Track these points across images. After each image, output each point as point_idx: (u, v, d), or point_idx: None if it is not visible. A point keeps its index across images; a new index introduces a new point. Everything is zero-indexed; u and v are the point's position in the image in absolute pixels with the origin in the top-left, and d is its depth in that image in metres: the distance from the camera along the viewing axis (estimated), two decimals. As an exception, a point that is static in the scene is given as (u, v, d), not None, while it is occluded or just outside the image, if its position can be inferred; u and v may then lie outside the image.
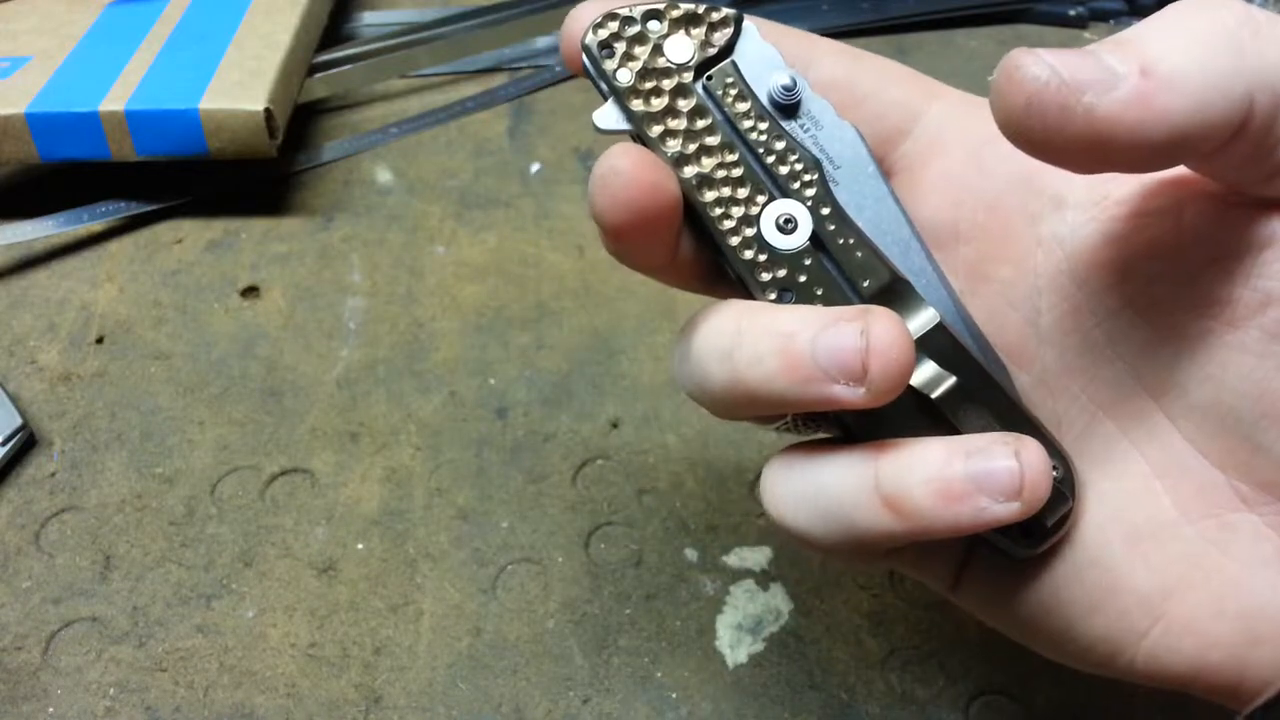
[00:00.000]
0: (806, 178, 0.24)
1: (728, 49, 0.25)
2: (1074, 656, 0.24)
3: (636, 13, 0.25)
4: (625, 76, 0.24)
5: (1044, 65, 0.19)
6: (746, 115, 0.24)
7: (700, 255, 0.25)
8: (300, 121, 0.60)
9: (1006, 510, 0.21)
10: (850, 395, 0.21)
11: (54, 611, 0.37)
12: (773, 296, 0.24)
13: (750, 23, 0.25)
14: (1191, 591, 0.22)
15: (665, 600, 0.37)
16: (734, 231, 0.24)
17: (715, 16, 0.25)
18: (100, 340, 0.48)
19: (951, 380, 0.23)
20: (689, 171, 0.24)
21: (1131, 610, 0.23)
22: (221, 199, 0.55)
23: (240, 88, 0.52)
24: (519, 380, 0.45)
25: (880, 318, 0.21)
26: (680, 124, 0.24)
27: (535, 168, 0.57)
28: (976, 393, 0.23)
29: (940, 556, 0.26)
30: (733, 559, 0.39)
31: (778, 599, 0.37)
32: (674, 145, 0.24)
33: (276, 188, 0.56)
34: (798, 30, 0.26)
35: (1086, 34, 0.69)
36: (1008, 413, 0.24)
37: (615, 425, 0.43)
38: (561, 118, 0.61)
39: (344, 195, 0.55)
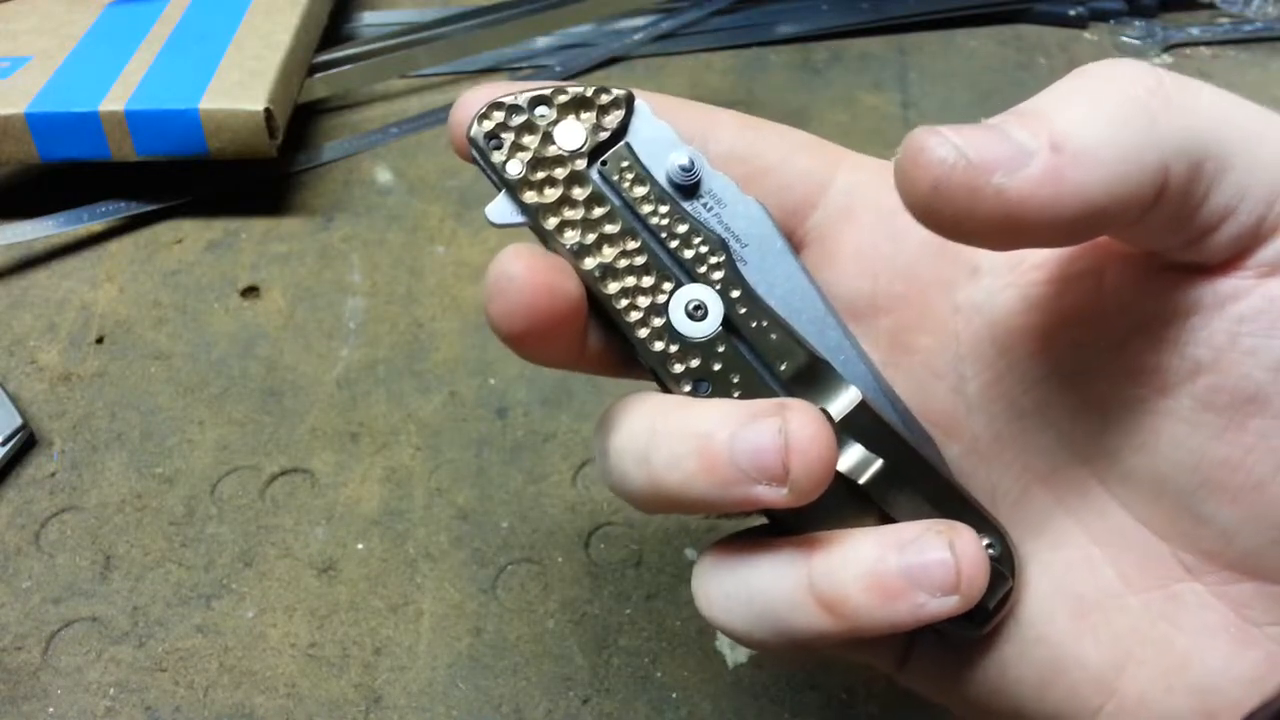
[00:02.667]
0: (713, 260, 0.23)
1: (621, 131, 0.24)
2: None
3: (523, 100, 0.24)
4: (515, 168, 0.23)
5: (949, 146, 0.19)
6: (646, 199, 0.24)
7: (612, 343, 0.24)
8: (300, 121, 0.60)
9: (944, 605, 0.21)
10: (773, 495, 0.21)
11: (54, 611, 0.37)
12: (688, 389, 0.23)
13: (643, 101, 0.24)
14: (1141, 666, 0.22)
15: (665, 600, 0.37)
16: (642, 323, 0.23)
17: (605, 99, 0.24)
18: (100, 340, 0.48)
19: (879, 463, 0.23)
20: (590, 263, 0.23)
21: (1082, 687, 0.22)
22: (221, 199, 0.55)
23: (240, 88, 0.52)
24: (519, 380, 0.45)
25: (798, 413, 0.21)
26: (577, 214, 0.23)
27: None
28: (905, 473, 0.23)
29: (884, 641, 0.25)
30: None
31: (778, 599, 0.37)
32: (572, 236, 0.23)
33: (276, 188, 0.56)
34: (693, 103, 0.25)
35: (1086, 34, 0.69)
36: (939, 491, 0.23)
37: (615, 425, 0.43)
38: (561, 118, 0.61)
39: (344, 195, 0.55)
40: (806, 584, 0.21)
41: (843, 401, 0.23)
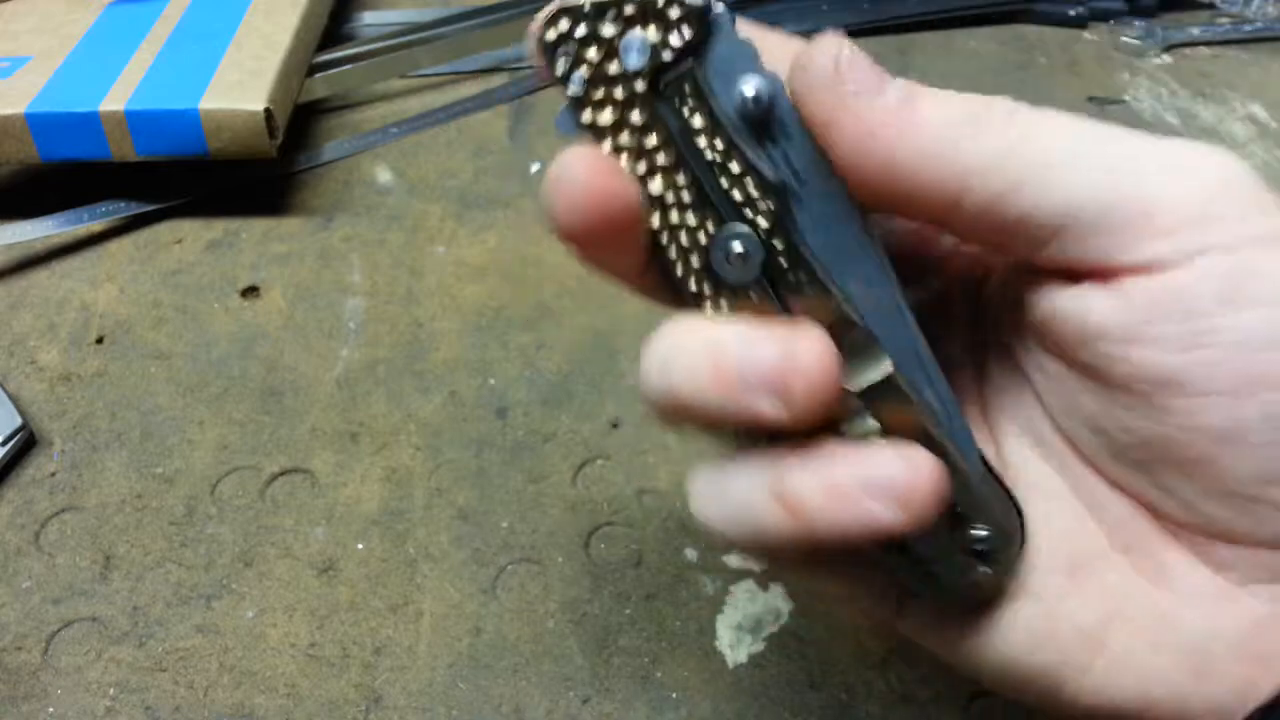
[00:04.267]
0: (763, 206, 0.22)
1: (691, 49, 0.22)
2: (1017, 689, 0.24)
3: (589, 7, 0.22)
4: (575, 85, 0.22)
5: (826, 55, 0.22)
6: (703, 130, 0.22)
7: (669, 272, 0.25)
8: (300, 121, 0.60)
9: (892, 516, 0.21)
10: (771, 410, 0.21)
11: (54, 611, 0.37)
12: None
13: (723, 14, 0.22)
14: (1128, 624, 0.22)
15: (665, 600, 0.37)
16: (682, 260, 0.23)
17: (675, 12, 0.21)
18: (100, 340, 0.48)
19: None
20: (640, 193, 0.22)
21: (1071, 644, 0.23)
22: (221, 199, 0.55)
23: (240, 88, 0.52)
24: (519, 380, 0.45)
25: (805, 335, 0.21)
26: (631, 140, 0.22)
27: (535, 168, 0.57)
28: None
29: (878, 587, 0.26)
30: (733, 559, 0.39)
31: (778, 599, 0.37)
32: (624, 164, 0.22)
33: (276, 188, 0.56)
34: (781, 33, 0.25)
35: (1086, 34, 0.69)
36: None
37: (615, 425, 0.43)
38: (561, 118, 0.61)
39: (344, 195, 0.55)
40: (778, 486, 0.22)
41: (872, 371, 0.22)
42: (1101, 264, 0.21)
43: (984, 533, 0.23)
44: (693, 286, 0.23)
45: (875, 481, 0.21)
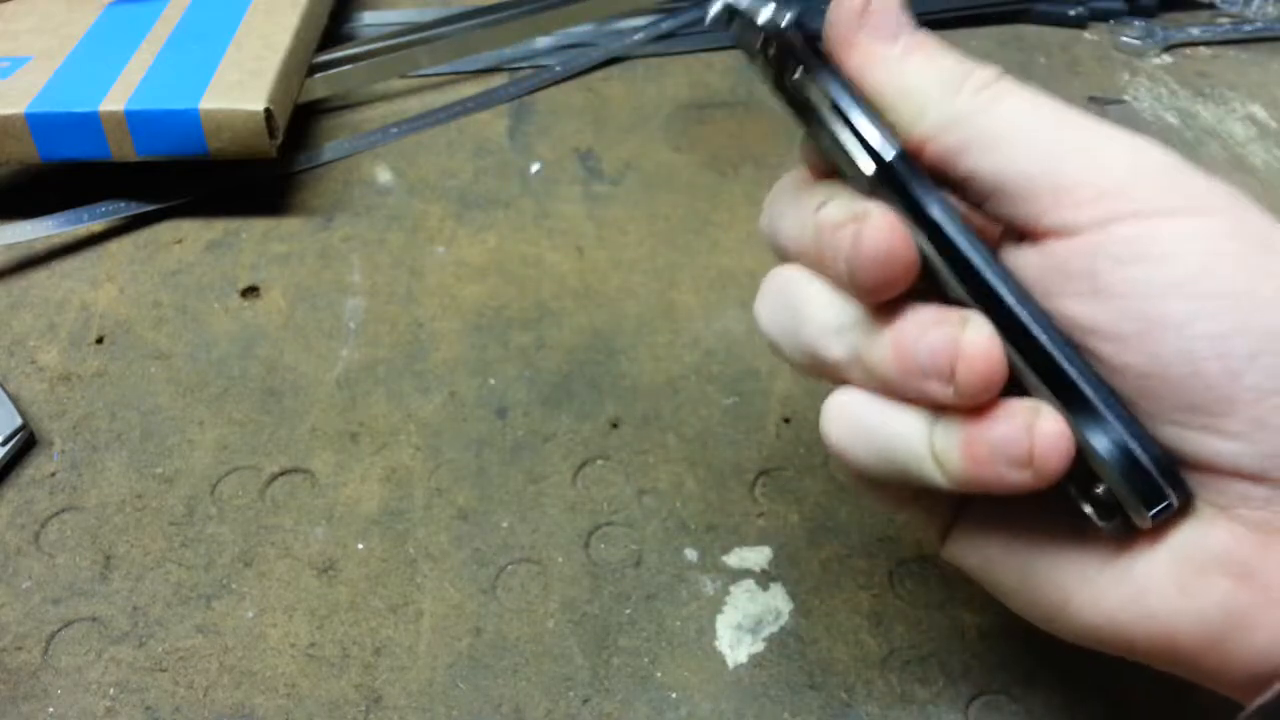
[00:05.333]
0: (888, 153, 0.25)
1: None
2: (1023, 609, 0.28)
3: None
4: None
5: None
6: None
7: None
8: (300, 121, 0.60)
9: (1021, 477, 0.24)
10: (941, 394, 0.24)
11: (54, 611, 0.37)
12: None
13: None
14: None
15: (665, 600, 0.37)
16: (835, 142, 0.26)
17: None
18: (100, 340, 0.48)
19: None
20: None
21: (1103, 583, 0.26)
22: (221, 199, 0.55)
23: (240, 88, 0.52)
24: (519, 380, 0.45)
25: (974, 326, 0.24)
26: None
27: (535, 168, 0.57)
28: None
29: (934, 513, 0.29)
30: (733, 559, 0.39)
31: (778, 599, 0.37)
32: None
33: (276, 188, 0.56)
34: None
35: (1087, 34, 0.69)
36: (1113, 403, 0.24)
37: (615, 425, 0.43)
38: (561, 118, 0.61)
39: (344, 195, 0.55)
40: (928, 441, 0.25)
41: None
42: (1027, 226, 0.24)
43: (1102, 491, 0.25)
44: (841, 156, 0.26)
45: (1003, 448, 0.24)
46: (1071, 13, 0.69)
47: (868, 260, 0.24)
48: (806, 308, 0.27)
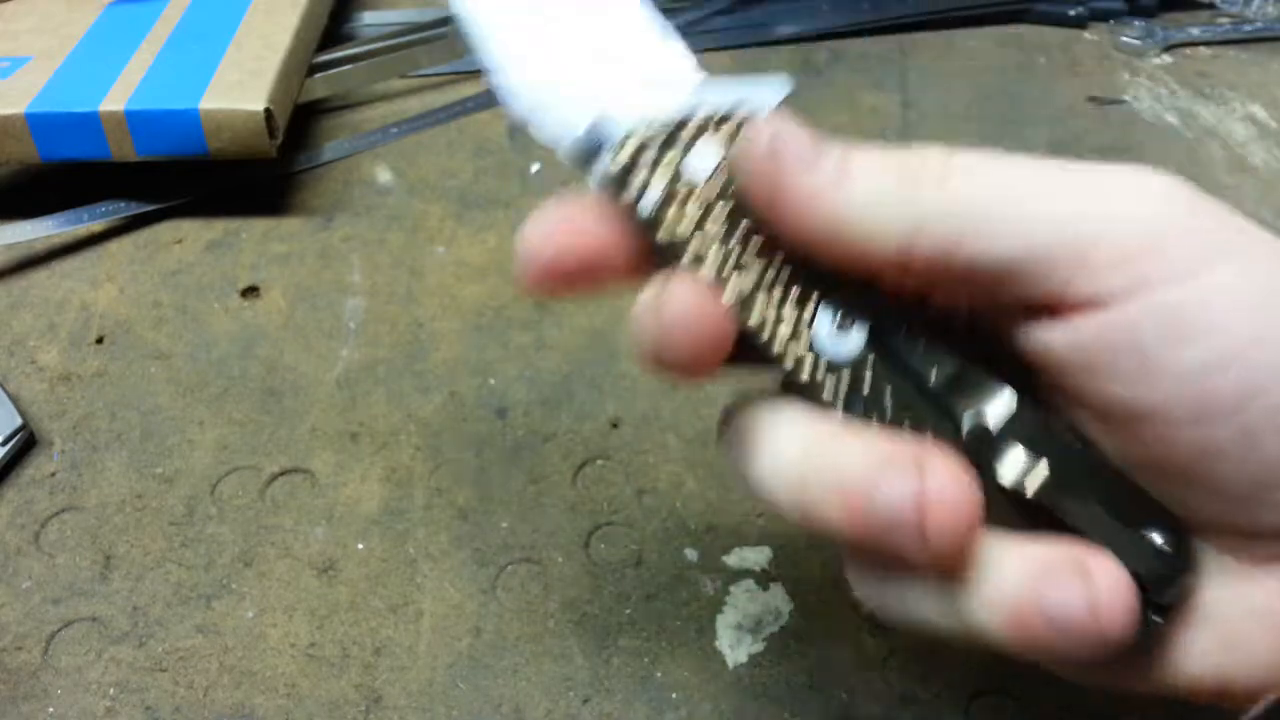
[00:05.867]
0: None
1: None
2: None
3: (655, 129, 0.23)
4: (651, 201, 0.23)
5: (765, 131, 0.22)
6: None
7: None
8: (300, 121, 0.60)
9: (1078, 646, 0.21)
10: (914, 551, 0.21)
11: (54, 611, 0.37)
12: (840, 409, 0.23)
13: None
14: None
15: (665, 600, 0.37)
16: (789, 349, 0.23)
17: (734, 123, 0.23)
18: (100, 340, 0.48)
19: (1043, 469, 0.22)
20: (729, 296, 0.23)
21: None
22: (221, 199, 0.55)
23: (240, 88, 0.52)
24: (519, 380, 0.45)
25: (935, 466, 0.21)
26: (715, 244, 0.23)
27: (535, 168, 0.57)
28: (1073, 474, 0.22)
29: None
30: (733, 559, 0.39)
31: (778, 599, 0.37)
32: (710, 268, 0.23)
33: (276, 188, 0.56)
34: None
35: (1086, 34, 0.69)
36: (1110, 487, 0.22)
37: (615, 425, 0.43)
38: (561, 118, 0.61)
39: (344, 195, 0.55)
40: (958, 613, 0.22)
41: (1001, 406, 0.22)
42: (1051, 301, 0.22)
43: (1161, 534, 0.22)
44: (804, 377, 0.23)
45: (1059, 614, 0.21)
46: (1071, 13, 0.69)
47: (674, 329, 0.22)
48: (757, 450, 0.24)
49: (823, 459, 0.22)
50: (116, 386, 0.45)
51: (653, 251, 0.23)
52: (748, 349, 0.24)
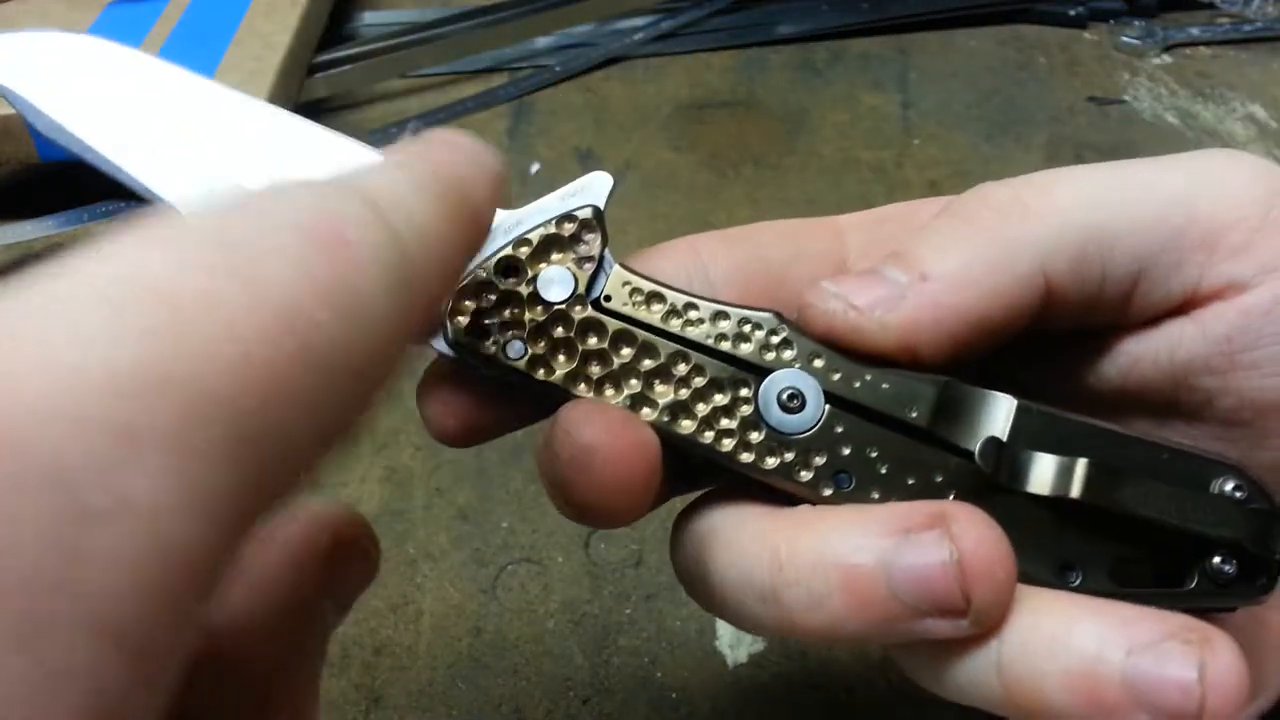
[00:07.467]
0: (775, 339, 0.20)
1: (603, 253, 0.21)
2: None
3: (489, 271, 0.20)
4: (518, 354, 0.20)
5: (833, 298, 0.20)
6: (671, 313, 0.21)
7: (671, 468, 0.21)
8: (300, 121, 0.60)
9: None
10: (950, 629, 0.18)
11: (54, 611, 0.37)
12: (828, 491, 0.20)
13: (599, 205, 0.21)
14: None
15: (665, 600, 0.37)
16: (741, 445, 0.20)
17: (569, 228, 0.21)
18: (100, 340, 0.47)
19: (1083, 464, 0.19)
20: (650, 412, 0.20)
21: None
22: (221, 199, 0.55)
23: (240, 87, 0.52)
24: (519, 380, 0.45)
25: (963, 520, 0.18)
26: (609, 365, 0.20)
27: (535, 168, 0.57)
28: (1117, 458, 0.20)
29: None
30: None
31: (778, 599, 0.37)
32: (615, 392, 0.20)
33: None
34: (665, 245, 0.24)
35: (1086, 34, 0.69)
36: (1160, 459, 0.20)
37: (615, 425, 0.43)
38: (561, 118, 0.61)
39: (344, 195, 0.55)
40: (995, 665, 0.18)
41: (1001, 414, 0.20)
42: (1185, 297, 0.20)
43: (1236, 481, 0.20)
44: (769, 464, 0.20)
45: (1156, 694, 0.17)
46: (1071, 13, 0.69)
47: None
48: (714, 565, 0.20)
49: (804, 547, 0.19)
50: (116, 386, 0.45)
51: (542, 395, 0.21)
52: (682, 475, 0.21)
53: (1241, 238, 0.20)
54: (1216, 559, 0.20)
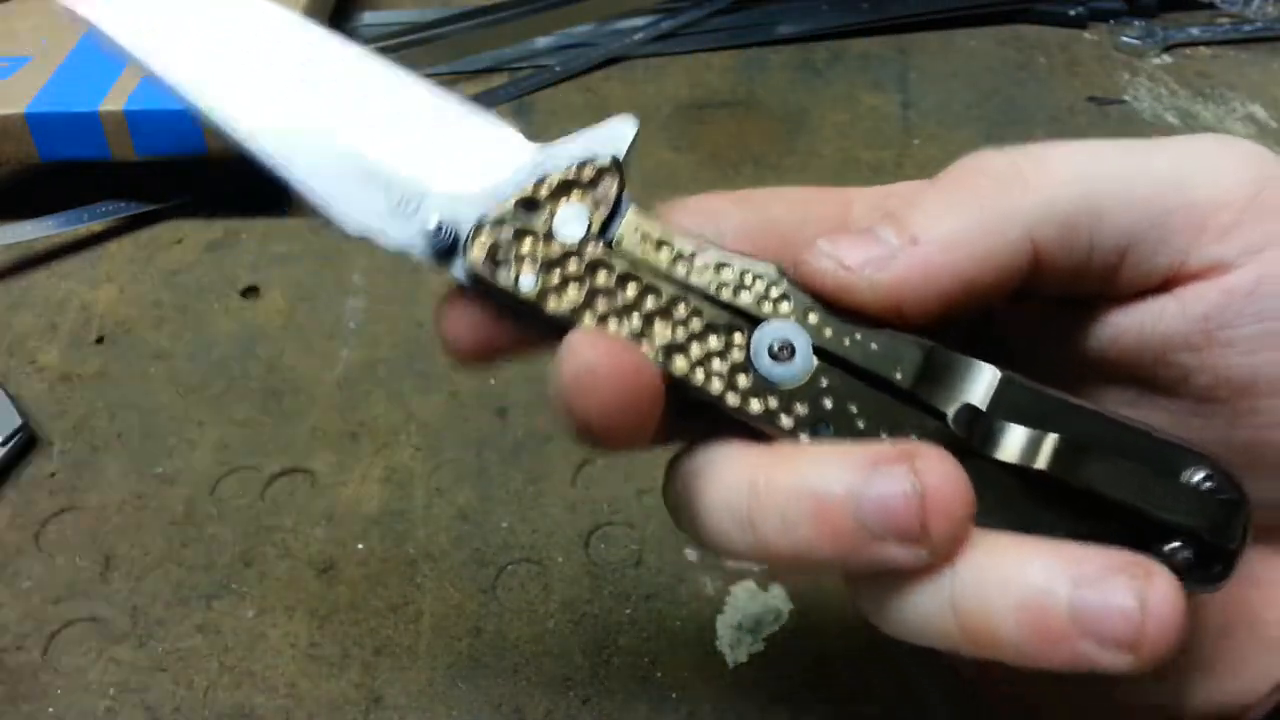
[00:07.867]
0: (775, 292, 0.21)
1: (620, 198, 0.22)
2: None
3: (508, 207, 0.22)
4: (529, 282, 0.22)
5: (825, 257, 0.21)
6: (677, 259, 0.22)
7: (669, 410, 0.22)
8: (300, 121, 0.60)
9: (1114, 660, 0.18)
10: (908, 557, 0.19)
11: (54, 611, 0.37)
12: (806, 438, 0.21)
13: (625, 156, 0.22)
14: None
15: (665, 600, 0.37)
16: (729, 387, 0.21)
17: (590, 172, 0.22)
18: (100, 340, 0.47)
19: (1052, 439, 0.20)
20: (649, 349, 0.21)
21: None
22: (221, 199, 0.55)
23: (240, 88, 0.52)
24: (519, 380, 0.45)
25: (928, 457, 0.19)
26: (614, 302, 0.21)
27: (535, 168, 0.57)
28: (1088, 436, 0.20)
29: None
30: (733, 559, 0.39)
31: (778, 599, 0.37)
32: (619, 327, 0.21)
33: (276, 188, 0.56)
34: (683, 201, 0.25)
35: (1086, 34, 0.69)
36: (1130, 440, 0.20)
37: (615, 425, 0.43)
38: (561, 118, 0.61)
39: (344, 195, 0.55)
40: (949, 598, 0.19)
41: (983, 384, 0.21)
42: (1170, 274, 0.21)
43: (1204, 470, 0.21)
44: (755, 408, 0.21)
45: (1098, 621, 0.18)
46: (1071, 12, 0.69)
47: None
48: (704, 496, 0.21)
49: (780, 478, 0.20)
50: (117, 387, 0.45)
51: (550, 325, 0.22)
52: (683, 418, 0.22)
53: (1229, 219, 0.20)
54: (1174, 544, 0.20)
